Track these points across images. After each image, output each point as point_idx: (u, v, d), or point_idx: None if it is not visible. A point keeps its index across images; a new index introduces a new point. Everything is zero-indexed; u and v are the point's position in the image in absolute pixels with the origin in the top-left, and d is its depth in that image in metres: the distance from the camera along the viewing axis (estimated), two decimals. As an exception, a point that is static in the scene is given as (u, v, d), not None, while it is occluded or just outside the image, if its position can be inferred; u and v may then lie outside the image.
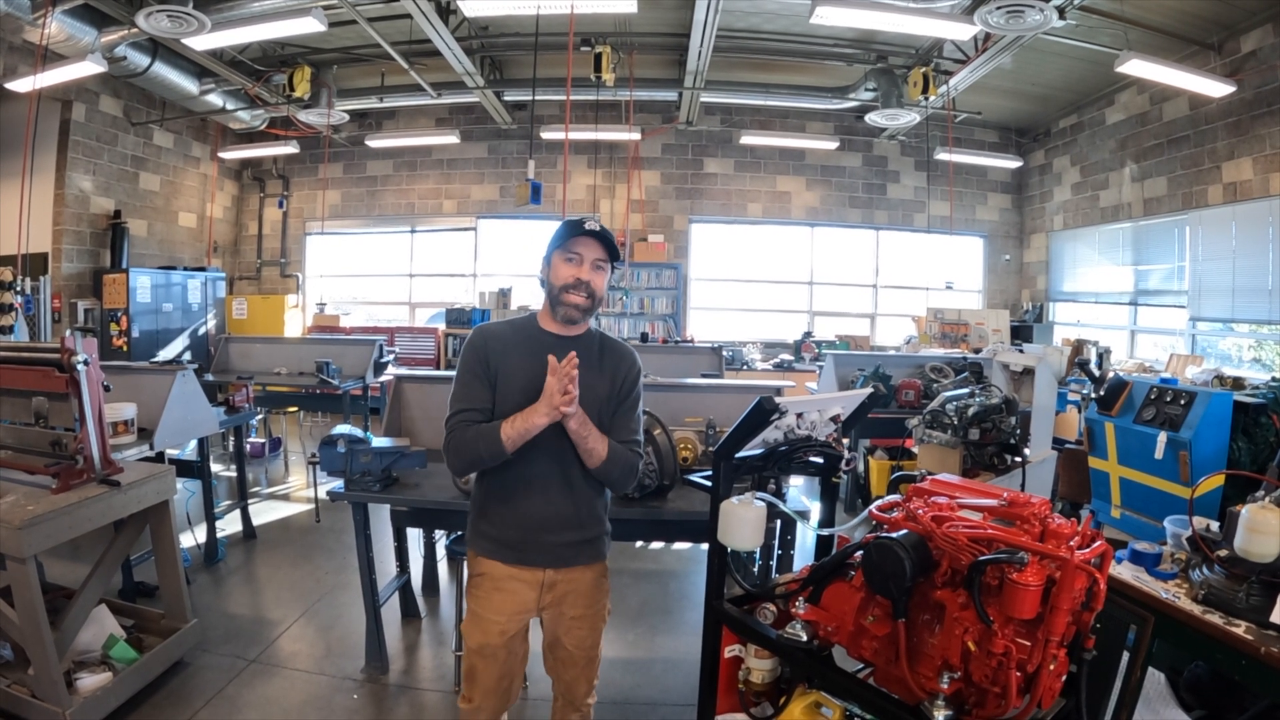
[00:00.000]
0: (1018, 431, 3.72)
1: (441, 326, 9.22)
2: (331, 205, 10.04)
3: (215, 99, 8.13)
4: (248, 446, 5.27)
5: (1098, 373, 4.65)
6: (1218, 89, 6.21)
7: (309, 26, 5.88)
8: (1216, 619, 1.75)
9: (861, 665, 1.42)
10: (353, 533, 2.96)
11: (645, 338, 8.86)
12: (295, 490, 5.68)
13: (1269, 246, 6.29)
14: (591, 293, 1.79)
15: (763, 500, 1.52)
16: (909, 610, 1.24)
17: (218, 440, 6.14)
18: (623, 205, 9.56)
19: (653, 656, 3.22)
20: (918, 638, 1.25)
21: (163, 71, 7.19)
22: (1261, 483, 1.98)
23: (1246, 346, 7.21)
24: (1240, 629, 1.71)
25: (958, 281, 10.08)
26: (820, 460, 1.81)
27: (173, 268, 8.71)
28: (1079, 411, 4.58)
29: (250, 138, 9.73)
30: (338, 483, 2.86)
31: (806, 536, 2.97)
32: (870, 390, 2.09)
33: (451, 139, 9.21)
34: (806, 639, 1.42)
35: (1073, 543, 1.13)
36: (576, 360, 1.67)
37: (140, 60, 6.87)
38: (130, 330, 7.69)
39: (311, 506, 5.05)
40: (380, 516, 3.43)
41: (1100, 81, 7.77)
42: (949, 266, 9.92)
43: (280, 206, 10.11)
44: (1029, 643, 1.13)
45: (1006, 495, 1.25)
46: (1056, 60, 7.28)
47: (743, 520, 1.49)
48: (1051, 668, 1.14)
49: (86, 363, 2.47)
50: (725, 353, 6.58)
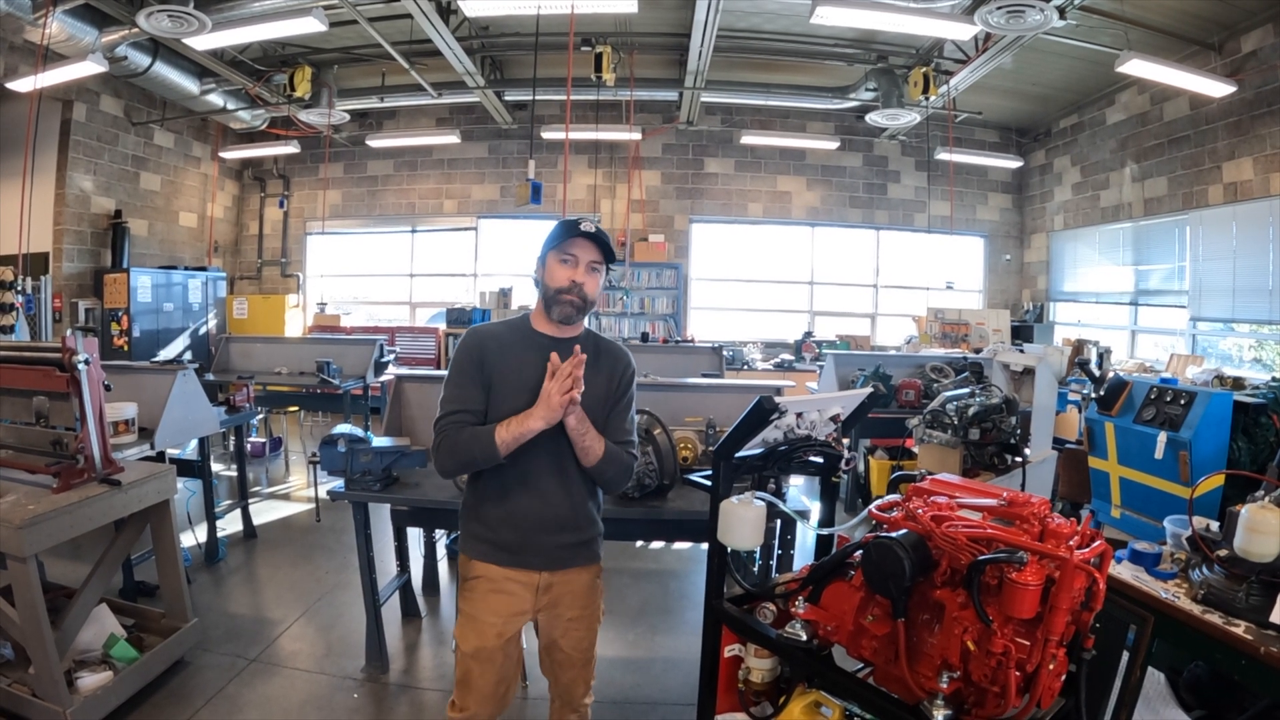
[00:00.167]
0: (1018, 431, 3.72)
1: (442, 326, 9.24)
2: (332, 205, 10.05)
3: (216, 99, 8.13)
4: (248, 446, 5.26)
5: (1098, 373, 4.64)
6: (1218, 89, 6.20)
7: (309, 26, 5.88)
8: (1216, 619, 1.76)
9: (861, 665, 1.42)
10: (353, 532, 2.96)
11: (646, 337, 8.85)
12: (296, 490, 5.68)
13: (1269, 246, 6.28)
14: (584, 295, 1.77)
15: (762, 500, 1.51)
16: (908, 610, 1.24)
17: (218, 440, 6.15)
18: (623, 205, 9.56)
19: (652, 656, 3.22)
20: (917, 637, 1.25)
21: (163, 71, 7.19)
22: (1261, 483, 1.98)
23: (1247, 346, 7.20)
24: (1240, 629, 1.71)
25: (958, 281, 10.07)
26: (820, 460, 1.81)
27: (173, 267, 8.72)
28: (1079, 411, 4.59)
29: (251, 137, 9.73)
30: (338, 482, 2.87)
31: (806, 536, 2.98)
32: (870, 390, 2.09)
33: (452, 139, 9.21)
34: (806, 638, 1.42)
35: (1072, 542, 1.13)
36: (584, 357, 1.66)
37: (141, 60, 6.88)
38: (131, 330, 7.69)
39: (312, 506, 5.05)
40: (380, 516, 3.43)
41: (1101, 81, 7.77)
42: (949, 266, 9.92)
43: (281, 206, 10.12)
44: (1028, 642, 1.13)
45: (1006, 495, 1.25)
46: (1057, 60, 7.28)
47: (742, 520, 1.49)
48: (1051, 667, 1.14)
49: (87, 362, 2.47)
50: (726, 352, 6.58)
